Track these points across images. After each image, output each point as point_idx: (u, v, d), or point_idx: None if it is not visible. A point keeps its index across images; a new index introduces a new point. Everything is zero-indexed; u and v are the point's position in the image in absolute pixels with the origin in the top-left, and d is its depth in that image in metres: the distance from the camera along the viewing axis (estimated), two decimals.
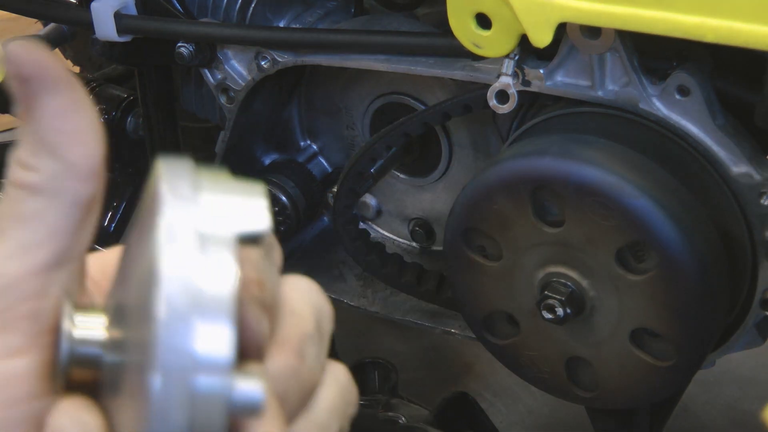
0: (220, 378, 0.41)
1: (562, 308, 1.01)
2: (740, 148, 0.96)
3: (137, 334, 0.42)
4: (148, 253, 0.42)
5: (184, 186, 0.43)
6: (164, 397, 0.40)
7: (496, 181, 1.02)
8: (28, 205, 0.46)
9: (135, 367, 0.43)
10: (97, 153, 0.46)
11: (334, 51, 1.14)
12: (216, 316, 0.41)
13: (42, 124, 0.45)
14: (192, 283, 0.41)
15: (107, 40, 1.22)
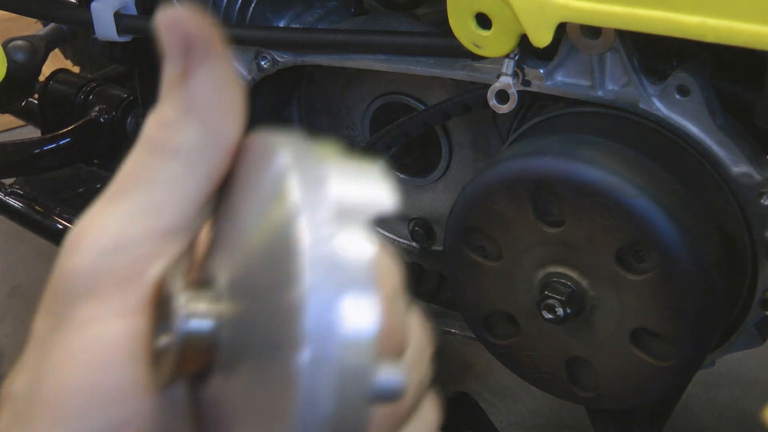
0: (367, 356, 0.40)
1: (562, 308, 1.01)
2: (740, 148, 0.96)
3: (270, 309, 0.41)
4: (277, 226, 0.41)
5: (309, 161, 0.42)
6: (313, 375, 0.39)
7: (496, 181, 1.02)
8: (164, 168, 0.46)
9: (271, 343, 0.41)
10: (239, 132, 0.47)
11: (334, 51, 1.14)
12: (362, 291, 0.40)
13: (197, 92, 0.45)
14: (334, 257, 0.40)
15: (107, 40, 1.22)
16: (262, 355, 0.42)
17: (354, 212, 0.42)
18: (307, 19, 1.24)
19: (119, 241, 0.46)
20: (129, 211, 0.46)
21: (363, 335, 0.40)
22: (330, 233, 0.40)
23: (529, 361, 1.10)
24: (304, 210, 0.41)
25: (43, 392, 0.45)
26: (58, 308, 0.46)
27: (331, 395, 0.39)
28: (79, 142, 1.50)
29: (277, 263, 0.41)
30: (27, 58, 1.54)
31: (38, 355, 0.47)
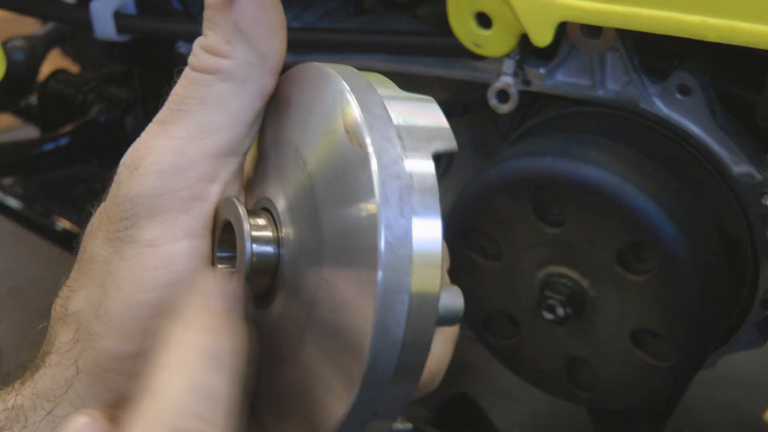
0: (434, 279, 0.41)
1: (563, 308, 1.00)
2: (741, 147, 0.96)
3: (337, 227, 0.42)
4: (349, 158, 0.42)
5: (367, 87, 0.44)
6: (387, 296, 0.40)
7: (496, 181, 1.01)
8: (216, 89, 0.47)
9: (346, 260, 0.42)
10: (284, 52, 0.48)
11: (334, 51, 1.14)
12: (430, 213, 0.41)
13: (243, 13, 0.47)
14: (404, 177, 0.41)
15: (107, 39, 1.21)
16: (331, 272, 0.43)
17: (416, 136, 0.43)
18: (307, 18, 1.24)
19: (177, 163, 0.47)
20: (184, 133, 0.47)
21: (432, 256, 0.41)
22: (397, 154, 0.41)
23: (529, 361, 1.10)
24: (376, 143, 0.42)
25: (110, 311, 0.47)
26: (120, 231, 0.47)
27: (403, 317, 0.40)
28: (79, 142, 1.50)
29: (345, 182, 0.42)
30: (26, 58, 1.54)
31: (100, 275, 0.48)
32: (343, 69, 0.46)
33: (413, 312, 0.41)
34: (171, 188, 0.47)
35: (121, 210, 0.47)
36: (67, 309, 0.49)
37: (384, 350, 0.41)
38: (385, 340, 0.40)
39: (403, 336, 0.41)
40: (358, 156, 0.41)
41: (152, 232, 0.47)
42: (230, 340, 0.42)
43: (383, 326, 0.40)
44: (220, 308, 0.43)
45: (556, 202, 0.99)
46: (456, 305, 0.45)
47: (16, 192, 1.60)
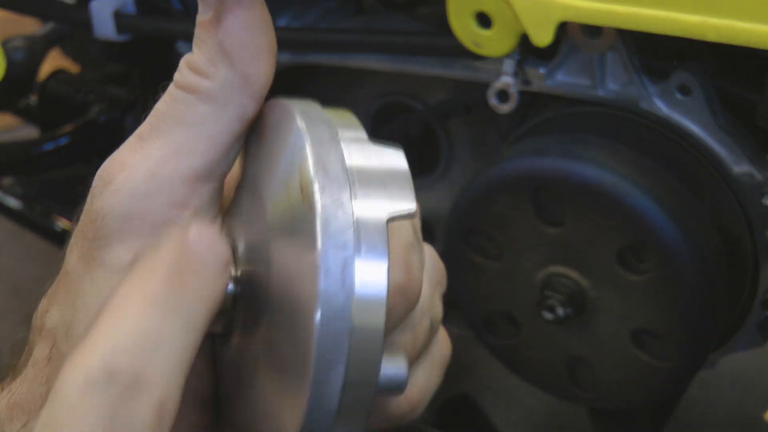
0: (373, 347, 0.41)
1: (563, 308, 1.00)
2: (741, 147, 0.96)
3: (286, 273, 0.42)
4: (298, 217, 0.42)
5: (325, 132, 0.43)
6: (325, 348, 0.40)
7: (496, 181, 1.01)
8: (195, 109, 0.46)
9: (288, 313, 0.42)
10: (270, 76, 0.47)
11: (334, 51, 1.14)
12: (374, 255, 0.41)
13: (228, 34, 0.46)
14: (347, 224, 0.41)
15: (106, 39, 1.21)
16: (278, 317, 0.43)
17: (373, 199, 0.42)
18: (307, 18, 1.24)
19: (150, 185, 0.46)
20: (159, 153, 0.46)
21: (373, 328, 0.41)
22: (347, 222, 0.41)
23: (530, 361, 1.10)
24: (318, 180, 0.41)
25: (77, 334, 0.46)
26: (91, 250, 0.47)
27: (338, 390, 0.40)
28: (79, 142, 1.50)
29: (294, 243, 0.42)
30: (26, 58, 1.54)
31: (72, 292, 0.47)
32: (311, 112, 0.45)
33: (350, 384, 0.41)
34: (142, 211, 0.46)
35: (93, 228, 0.47)
36: (44, 323, 0.48)
37: (318, 419, 0.41)
38: (320, 410, 0.41)
39: (339, 404, 0.41)
40: (307, 219, 0.41)
41: (122, 258, 0.46)
42: (184, 280, 0.41)
43: (318, 397, 0.40)
44: (175, 252, 0.42)
45: (556, 202, 0.99)
46: (398, 375, 0.45)
47: (16, 192, 1.60)
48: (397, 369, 0.45)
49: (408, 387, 0.52)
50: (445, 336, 0.58)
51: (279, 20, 1.25)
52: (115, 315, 0.40)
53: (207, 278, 0.42)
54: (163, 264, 0.41)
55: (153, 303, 0.40)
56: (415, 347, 0.52)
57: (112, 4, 1.19)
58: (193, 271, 0.42)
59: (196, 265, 0.42)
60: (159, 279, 0.41)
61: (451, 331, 1.34)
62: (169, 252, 0.42)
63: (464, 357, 1.73)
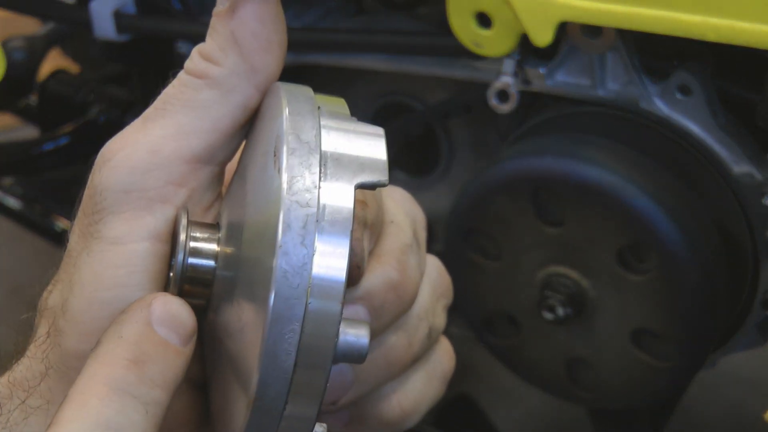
0: (331, 309, 0.41)
1: (563, 308, 1.00)
2: (741, 147, 0.96)
3: (256, 248, 0.42)
4: (268, 182, 0.42)
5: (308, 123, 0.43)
6: (281, 304, 0.40)
7: (496, 181, 1.01)
8: (201, 94, 0.48)
9: (250, 284, 0.43)
10: (278, 70, 0.48)
11: (335, 51, 1.14)
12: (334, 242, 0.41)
13: (241, 24, 0.47)
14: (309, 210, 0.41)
15: (106, 39, 1.21)
16: (242, 282, 0.44)
17: (343, 166, 0.43)
18: (308, 18, 1.24)
19: (150, 161, 0.47)
20: (161, 132, 0.48)
21: (333, 288, 0.41)
22: (312, 182, 0.41)
23: (529, 361, 1.10)
24: (289, 143, 0.42)
25: (73, 307, 0.47)
26: (88, 225, 0.48)
27: (294, 347, 0.40)
28: (79, 142, 1.50)
29: (262, 206, 0.43)
30: (26, 58, 1.54)
31: (70, 270, 0.48)
32: (297, 92, 0.46)
33: (306, 343, 0.40)
34: (140, 186, 0.47)
35: (92, 203, 0.48)
36: (47, 303, 0.50)
37: (273, 378, 0.41)
38: (274, 369, 0.41)
39: (294, 366, 0.41)
40: (275, 181, 0.42)
41: (117, 230, 0.47)
42: (146, 368, 0.42)
43: (272, 355, 0.40)
44: (137, 336, 0.43)
45: (556, 202, 0.99)
46: (359, 342, 0.44)
47: (16, 192, 1.60)
48: (358, 336, 0.45)
49: (401, 394, 0.52)
50: (449, 349, 0.58)
51: None
52: (77, 405, 0.41)
53: (169, 360, 0.43)
54: (125, 349, 0.43)
55: (114, 392, 0.41)
56: (409, 351, 0.53)
57: (112, 4, 1.19)
58: (154, 355, 0.43)
59: (159, 347, 0.43)
60: (120, 366, 0.42)
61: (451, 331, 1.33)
62: (131, 335, 0.43)
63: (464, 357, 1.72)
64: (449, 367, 0.58)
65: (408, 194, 0.54)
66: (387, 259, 0.50)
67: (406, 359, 0.53)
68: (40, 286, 0.51)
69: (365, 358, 0.45)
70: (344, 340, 0.44)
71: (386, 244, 0.51)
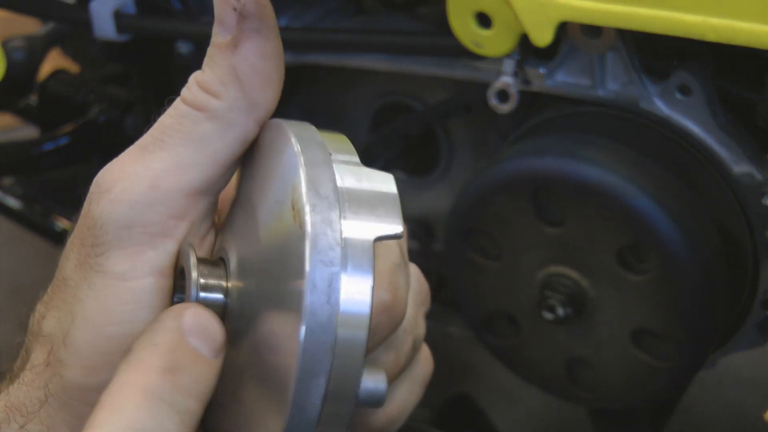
0: (355, 363, 0.43)
1: (563, 308, 1.00)
2: (741, 147, 0.96)
3: (278, 295, 0.43)
4: (290, 234, 0.43)
5: (325, 175, 0.44)
6: (308, 360, 0.41)
7: (496, 181, 1.01)
8: (201, 127, 0.48)
9: (272, 331, 0.44)
10: (275, 103, 0.49)
11: (334, 51, 1.14)
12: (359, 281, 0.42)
13: (243, 59, 0.47)
14: (334, 250, 0.42)
15: (106, 39, 1.21)
16: (265, 329, 0.44)
17: (361, 220, 0.44)
18: (307, 18, 1.24)
19: (151, 196, 0.47)
20: (161, 165, 0.47)
21: (356, 343, 0.42)
22: (335, 240, 0.42)
23: (529, 361, 1.10)
24: (309, 200, 0.43)
25: (77, 340, 0.47)
26: (89, 257, 0.48)
27: (319, 399, 0.42)
28: (79, 142, 1.50)
29: (283, 258, 0.43)
30: (26, 58, 1.54)
31: (70, 299, 0.48)
32: (306, 135, 0.46)
33: (331, 395, 0.42)
34: (142, 221, 0.47)
35: (92, 235, 0.48)
36: (42, 328, 0.49)
37: (299, 428, 0.42)
38: (301, 420, 0.42)
39: (319, 416, 0.42)
40: (297, 235, 0.42)
41: (121, 266, 0.47)
42: (180, 377, 0.43)
43: (299, 407, 0.42)
44: (170, 344, 0.43)
45: (556, 202, 0.99)
46: (378, 390, 0.47)
47: (16, 192, 1.60)
48: (377, 384, 0.47)
49: (388, 402, 0.53)
50: (428, 355, 0.59)
51: (279, 20, 1.25)
52: (111, 409, 0.41)
53: (201, 370, 0.44)
54: (159, 357, 0.43)
55: (149, 399, 0.42)
56: (397, 365, 0.54)
57: (112, 4, 1.19)
58: (187, 364, 0.43)
59: (191, 357, 0.43)
60: (154, 373, 0.42)
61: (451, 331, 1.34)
62: (165, 343, 0.43)
63: (464, 357, 1.72)
64: (428, 372, 0.59)
65: None
66: (379, 283, 0.51)
67: (394, 373, 0.54)
68: (29, 309, 0.51)
69: (383, 404, 0.47)
70: (365, 389, 0.46)
71: (377, 267, 0.51)
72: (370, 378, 0.47)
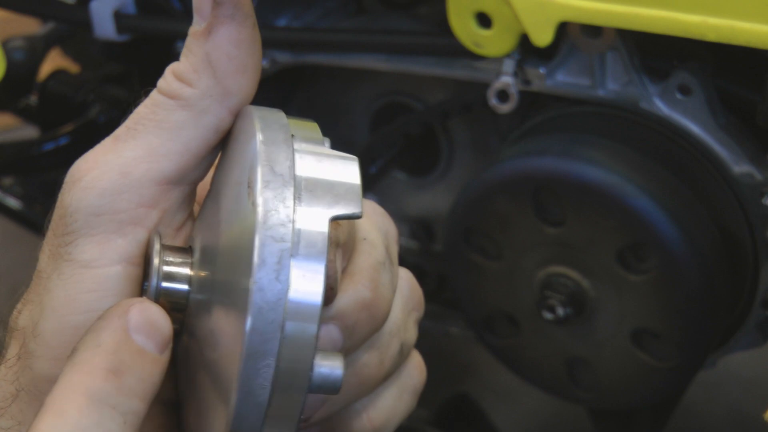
0: (306, 343, 0.41)
1: (563, 308, 1.00)
2: (742, 147, 0.96)
3: (231, 277, 0.43)
4: (243, 213, 0.42)
5: (282, 154, 0.43)
6: (256, 339, 0.40)
7: (497, 181, 1.01)
8: (173, 115, 0.47)
9: (225, 313, 0.43)
10: (251, 93, 0.48)
11: (334, 51, 1.14)
12: (310, 268, 0.41)
13: (216, 46, 0.47)
14: (287, 240, 0.41)
15: (106, 39, 1.21)
16: (217, 314, 0.44)
17: (317, 198, 0.43)
18: (307, 18, 1.24)
19: (121, 183, 0.47)
20: (132, 154, 0.47)
21: (307, 322, 0.41)
22: (287, 216, 0.41)
23: (529, 361, 1.10)
24: (262, 176, 0.42)
25: (45, 331, 0.47)
26: (60, 246, 0.47)
27: (269, 381, 0.41)
28: (78, 142, 1.50)
29: (237, 238, 0.43)
30: (26, 58, 1.54)
31: (41, 291, 0.48)
32: (271, 117, 0.45)
33: (281, 378, 0.41)
34: (111, 208, 0.47)
35: (62, 224, 0.47)
36: (17, 323, 0.49)
37: (248, 412, 0.41)
38: (249, 403, 0.41)
39: (269, 399, 0.41)
40: (250, 214, 0.42)
41: (89, 253, 0.47)
42: (124, 379, 0.42)
43: (247, 389, 0.41)
44: (115, 344, 0.43)
45: (556, 202, 0.99)
46: (333, 374, 0.44)
47: (16, 192, 1.60)
48: (333, 368, 0.44)
49: (372, 410, 0.52)
50: (420, 362, 0.58)
51: (279, 20, 1.25)
52: (55, 414, 0.41)
53: (146, 369, 0.43)
54: (103, 358, 0.42)
55: (92, 403, 0.41)
56: (381, 368, 0.52)
57: (112, 4, 1.19)
58: (132, 365, 0.42)
59: (136, 356, 0.43)
60: (98, 376, 0.42)
61: (451, 331, 1.34)
62: (109, 344, 0.42)
63: (464, 357, 1.72)
64: (420, 381, 0.57)
65: (380, 208, 0.54)
66: (359, 278, 0.50)
67: (378, 377, 0.53)
68: (10, 304, 0.51)
69: (339, 390, 0.45)
70: (318, 373, 0.44)
71: (359, 263, 0.50)
72: (325, 362, 0.44)
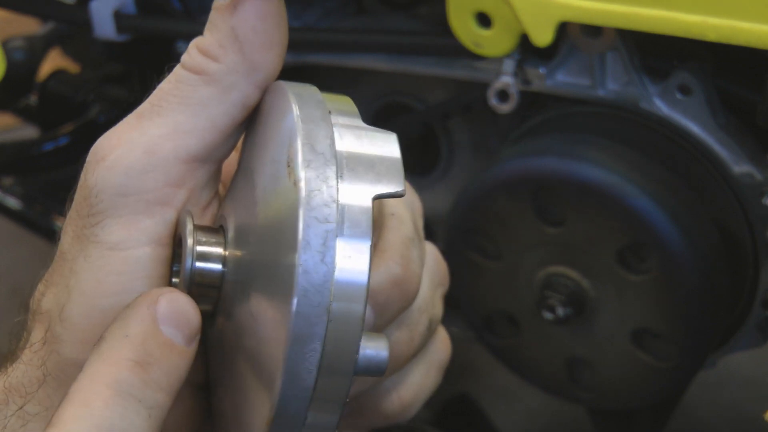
0: (353, 325, 0.40)
1: (563, 308, 1.00)
2: (742, 147, 0.96)
3: (271, 258, 0.41)
4: (284, 193, 0.41)
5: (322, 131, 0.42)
6: (302, 323, 0.39)
7: (497, 181, 1.01)
8: (198, 91, 0.46)
9: (267, 295, 0.41)
10: (277, 68, 0.47)
11: (334, 51, 1.14)
12: (355, 249, 0.40)
13: (242, 20, 0.46)
14: (329, 218, 0.40)
15: (106, 39, 1.21)
16: (258, 296, 0.42)
17: (360, 177, 0.42)
18: (307, 18, 1.24)
19: (147, 162, 0.46)
20: (158, 131, 0.46)
21: (353, 304, 0.40)
22: (330, 196, 0.40)
23: (529, 361, 1.10)
24: (304, 155, 0.41)
25: (72, 315, 0.46)
26: (85, 228, 0.46)
27: (315, 365, 0.40)
28: (79, 142, 1.50)
29: (278, 218, 0.42)
30: (26, 58, 1.54)
31: (66, 273, 0.47)
32: (306, 93, 0.44)
33: (327, 361, 0.40)
34: (138, 188, 0.46)
35: (87, 204, 0.46)
36: (41, 306, 0.48)
37: (293, 397, 0.40)
38: (295, 387, 0.40)
39: (314, 383, 0.40)
40: (291, 194, 0.40)
41: (117, 234, 0.46)
42: (150, 371, 0.41)
43: (293, 374, 0.39)
44: (143, 335, 0.42)
45: (556, 202, 0.99)
46: (379, 356, 0.44)
47: (16, 192, 1.60)
48: (378, 350, 0.44)
49: (402, 388, 0.52)
50: (445, 337, 0.57)
51: None
52: (79, 405, 0.40)
53: (173, 362, 0.42)
54: (130, 349, 0.41)
55: (118, 395, 0.40)
56: (411, 345, 0.52)
57: (112, 4, 1.19)
58: (159, 357, 0.42)
59: (164, 348, 0.42)
60: (125, 367, 0.41)
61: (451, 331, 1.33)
62: (137, 334, 0.42)
63: (464, 357, 1.72)
64: (446, 356, 0.57)
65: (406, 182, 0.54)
66: (390, 255, 0.49)
67: (408, 354, 0.52)
68: (32, 286, 0.50)
69: (384, 372, 0.44)
70: (364, 356, 0.43)
71: (389, 239, 0.49)
72: (370, 344, 0.43)
